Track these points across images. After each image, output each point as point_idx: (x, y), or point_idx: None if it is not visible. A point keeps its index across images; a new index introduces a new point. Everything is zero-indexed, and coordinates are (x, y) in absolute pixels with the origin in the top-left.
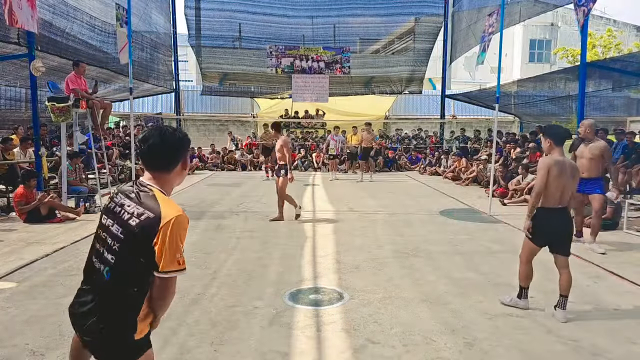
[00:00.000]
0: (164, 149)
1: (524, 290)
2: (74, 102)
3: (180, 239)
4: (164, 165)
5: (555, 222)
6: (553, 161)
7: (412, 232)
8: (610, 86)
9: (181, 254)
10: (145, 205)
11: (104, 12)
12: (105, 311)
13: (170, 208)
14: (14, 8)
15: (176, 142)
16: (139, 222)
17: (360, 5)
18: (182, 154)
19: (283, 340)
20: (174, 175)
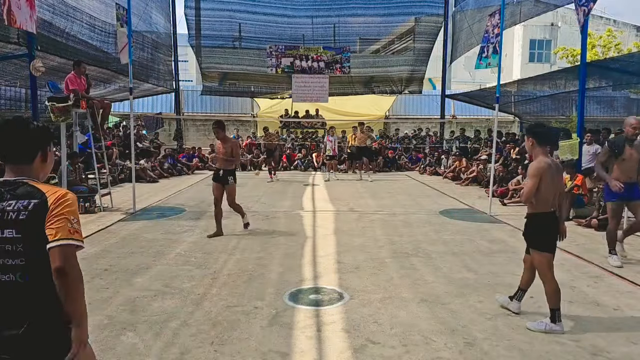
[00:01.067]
0: (21, 140)
1: (557, 312)
2: (74, 102)
3: (71, 211)
4: (24, 157)
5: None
6: (547, 165)
7: (412, 232)
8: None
9: (74, 226)
10: (26, 195)
11: (104, 12)
12: (36, 312)
13: (53, 187)
14: (13, 8)
15: (32, 132)
16: (28, 212)
17: (360, 5)
18: (41, 144)
19: (283, 340)
20: (36, 167)
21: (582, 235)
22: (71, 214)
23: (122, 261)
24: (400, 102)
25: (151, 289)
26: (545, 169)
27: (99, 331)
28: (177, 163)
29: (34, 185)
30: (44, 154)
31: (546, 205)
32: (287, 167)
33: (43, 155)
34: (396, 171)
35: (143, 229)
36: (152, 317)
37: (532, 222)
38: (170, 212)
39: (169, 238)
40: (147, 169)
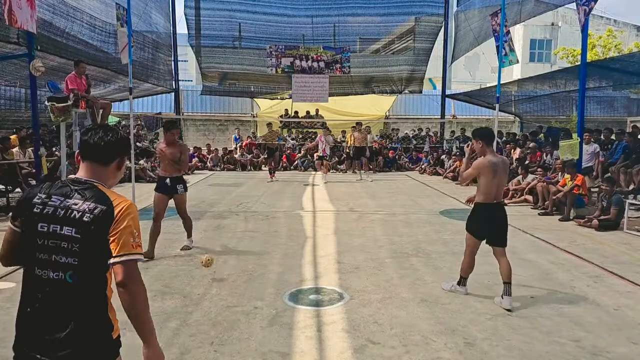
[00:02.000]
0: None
1: (464, 280)
2: (74, 102)
3: (134, 225)
4: (103, 157)
5: (493, 216)
6: (488, 163)
7: (412, 233)
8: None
9: (136, 240)
10: (94, 199)
11: (104, 11)
12: (79, 316)
13: (119, 197)
14: (14, 8)
15: (117, 140)
16: (93, 216)
17: (360, 4)
18: (121, 151)
19: (283, 340)
20: (110, 172)
21: (582, 235)
22: (135, 227)
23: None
24: (400, 102)
25: (151, 289)
26: (488, 166)
27: None
28: None
29: (103, 190)
30: (121, 161)
31: (488, 197)
32: (287, 167)
33: (120, 163)
34: (396, 171)
35: (142, 229)
36: (152, 317)
37: (473, 210)
38: (170, 212)
39: (169, 238)
40: (146, 169)
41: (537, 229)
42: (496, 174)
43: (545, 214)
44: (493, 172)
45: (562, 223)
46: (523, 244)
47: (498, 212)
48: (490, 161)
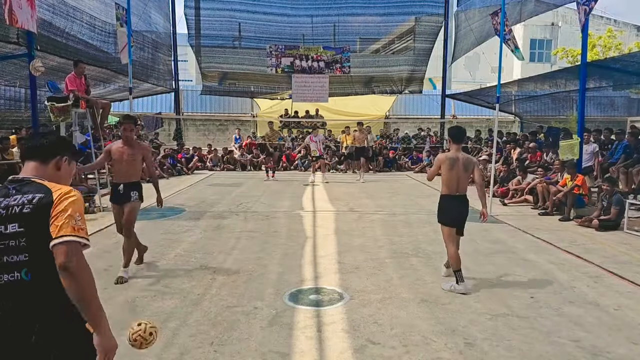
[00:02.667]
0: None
1: (459, 273)
2: (74, 102)
3: (74, 208)
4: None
5: (455, 206)
6: (445, 158)
7: (412, 233)
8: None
9: (77, 223)
10: (31, 191)
11: (104, 11)
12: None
13: (57, 185)
14: (14, 8)
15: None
16: (32, 206)
17: (360, 4)
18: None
19: (283, 340)
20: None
21: (582, 235)
22: (76, 211)
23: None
24: (400, 102)
25: (151, 289)
26: (444, 160)
27: None
28: (177, 163)
29: (41, 182)
30: (59, 161)
31: (448, 189)
32: (287, 167)
33: (58, 163)
34: (396, 171)
35: (143, 229)
36: (151, 317)
37: (439, 202)
38: (169, 212)
39: (168, 238)
40: None
41: (537, 229)
42: (453, 168)
43: (545, 214)
44: (450, 166)
45: (562, 223)
46: (523, 244)
47: (460, 203)
48: (447, 156)
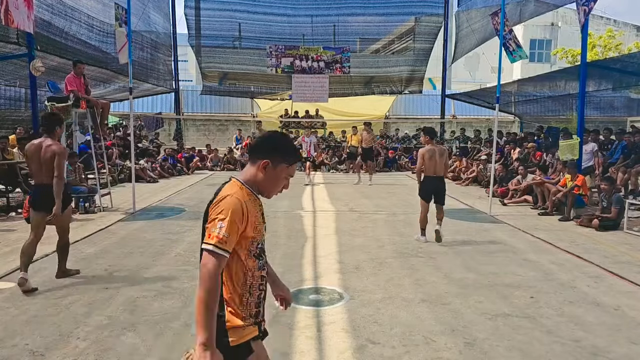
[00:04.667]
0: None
1: (423, 231)
2: (74, 102)
3: (221, 215)
4: (252, 156)
5: (434, 184)
6: (425, 150)
7: (412, 232)
8: (610, 86)
9: (217, 231)
10: (216, 192)
11: (102, 11)
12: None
13: (227, 190)
14: (11, 8)
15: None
16: (207, 206)
17: (360, 4)
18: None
19: (283, 340)
20: (255, 169)
21: (582, 235)
22: (221, 215)
23: (122, 261)
24: (400, 102)
25: (151, 289)
26: (424, 153)
27: (99, 331)
28: (177, 163)
29: (227, 184)
30: (264, 165)
31: (427, 172)
32: None
33: (263, 166)
34: (396, 171)
35: (143, 229)
36: (152, 317)
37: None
38: (169, 212)
39: (168, 238)
40: (147, 169)
41: (537, 229)
42: (432, 157)
43: (545, 214)
44: (430, 156)
45: (562, 223)
46: (523, 244)
47: (438, 182)
48: (426, 149)
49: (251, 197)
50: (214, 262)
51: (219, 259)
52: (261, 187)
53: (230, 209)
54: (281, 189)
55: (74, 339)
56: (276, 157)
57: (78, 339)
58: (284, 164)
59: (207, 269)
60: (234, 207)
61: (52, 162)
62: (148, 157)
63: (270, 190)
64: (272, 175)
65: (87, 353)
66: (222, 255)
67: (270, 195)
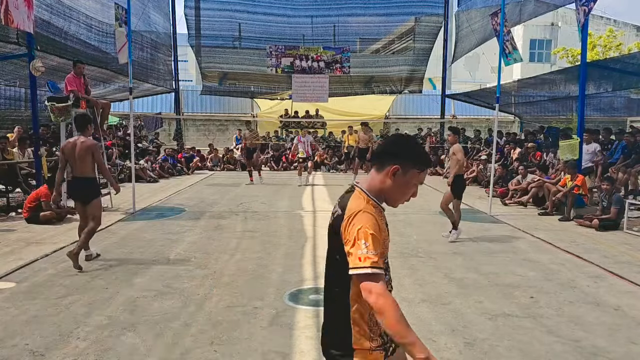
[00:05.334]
0: (385, 147)
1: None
2: (74, 102)
3: (360, 234)
4: (376, 162)
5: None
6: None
7: (412, 232)
8: (610, 86)
9: (365, 252)
10: (340, 204)
11: (100, 11)
12: (329, 318)
13: (355, 205)
14: (10, 8)
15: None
16: (333, 219)
17: (360, 4)
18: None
19: (283, 340)
20: (381, 176)
21: (582, 235)
22: (358, 235)
23: (122, 261)
24: (400, 102)
25: (151, 289)
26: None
27: (99, 331)
28: (177, 163)
29: (353, 195)
30: (393, 171)
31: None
32: (287, 167)
33: (392, 172)
34: None
35: (143, 229)
36: (152, 317)
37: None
38: (169, 212)
39: (168, 238)
40: (147, 169)
41: (537, 229)
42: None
43: (545, 214)
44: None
45: (562, 223)
46: (523, 244)
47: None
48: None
49: (377, 209)
50: (378, 284)
51: (378, 278)
52: (388, 195)
53: (368, 225)
54: (409, 198)
55: (74, 339)
56: (407, 162)
57: (78, 339)
58: (415, 169)
59: (377, 292)
60: (370, 224)
61: (87, 157)
62: (147, 155)
63: (398, 199)
64: (402, 182)
65: (87, 353)
66: (380, 273)
67: (396, 204)
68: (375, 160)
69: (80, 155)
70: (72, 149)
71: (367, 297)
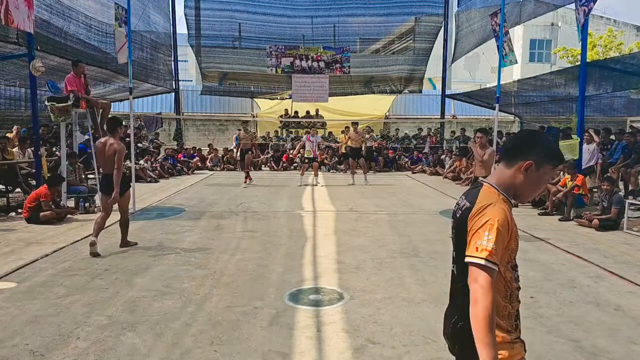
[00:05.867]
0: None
1: None
2: (74, 102)
3: (487, 226)
4: (506, 157)
5: None
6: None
7: (412, 232)
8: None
9: (485, 243)
10: (468, 198)
11: (99, 11)
12: (460, 312)
13: (486, 198)
14: (11, 8)
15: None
16: (461, 213)
17: (360, 5)
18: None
19: (283, 340)
20: (512, 171)
21: (582, 235)
22: (485, 227)
23: (122, 261)
24: (400, 102)
25: (151, 289)
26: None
27: (99, 331)
28: (177, 163)
29: (481, 190)
30: (526, 166)
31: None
32: (287, 167)
33: (525, 168)
34: (396, 171)
35: (143, 229)
36: (152, 317)
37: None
38: (169, 212)
39: (168, 238)
40: (147, 169)
41: (537, 229)
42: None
43: (545, 214)
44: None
45: (562, 223)
46: (523, 244)
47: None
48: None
49: (507, 204)
50: (486, 277)
51: (491, 272)
52: (519, 191)
53: (497, 219)
54: (539, 194)
55: (74, 339)
56: (540, 158)
57: (78, 339)
58: (550, 165)
59: (481, 284)
60: (500, 218)
61: (114, 157)
62: (147, 155)
63: (529, 195)
64: (534, 178)
65: (87, 353)
66: (493, 269)
67: (526, 200)
68: (505, 155)
69: (109, 156)
70: (101, 149)
71: (471, 283)
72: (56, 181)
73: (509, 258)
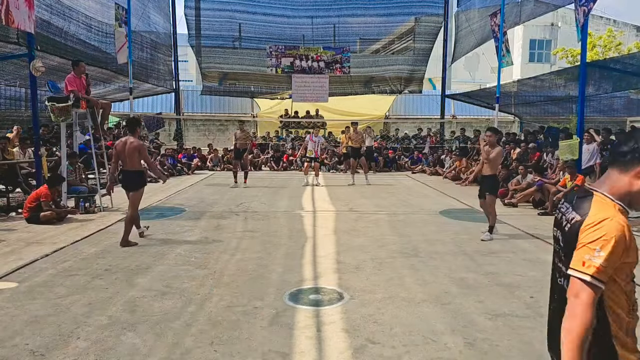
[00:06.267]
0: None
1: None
2: (74, 102)
3: (600, 241)
4: (620, 161)
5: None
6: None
7: (412, 232)
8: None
9: (595, 259)
10: (578, 210)
11: (99, 11)
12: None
13: (601, 211)
14: (11, 8)
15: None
16: (570, 227)
17: (360, 5)
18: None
19: (283, 340)
20: (628, 177)
21: None
22: (596, 241)
23: (122, 261)
24: (400, 102)
25: (151, 289)
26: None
27: (99, 331)
28: (177, 163)
29: (593, 201)
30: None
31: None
32: (287, 167)
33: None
34: (396, 171)
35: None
36: (152, 317)
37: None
38: (169, 212)
39: (169, 238)
40: (147, 169)
41: (537, 229)
42: None
43: (545, 214)
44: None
45: None
46: (523, 244)
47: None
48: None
49: (624, 215)
50: (590, 294)
51: (596, 290)
52: (636, 199)
53: (614, 236)
54: None
55: (74, 339)
56: None
57: (78, 339)
58: None
59: (582, 300)
60: (617, 235)
61: (134, 155)
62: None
63: None
64: None
65: (87, 353)
66: (599, 287)
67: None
68: (619, 159)
69: (129, 153)
70: (122, 147)
71: (570, 296)
72: (56, 181)
73: (628, 271)
